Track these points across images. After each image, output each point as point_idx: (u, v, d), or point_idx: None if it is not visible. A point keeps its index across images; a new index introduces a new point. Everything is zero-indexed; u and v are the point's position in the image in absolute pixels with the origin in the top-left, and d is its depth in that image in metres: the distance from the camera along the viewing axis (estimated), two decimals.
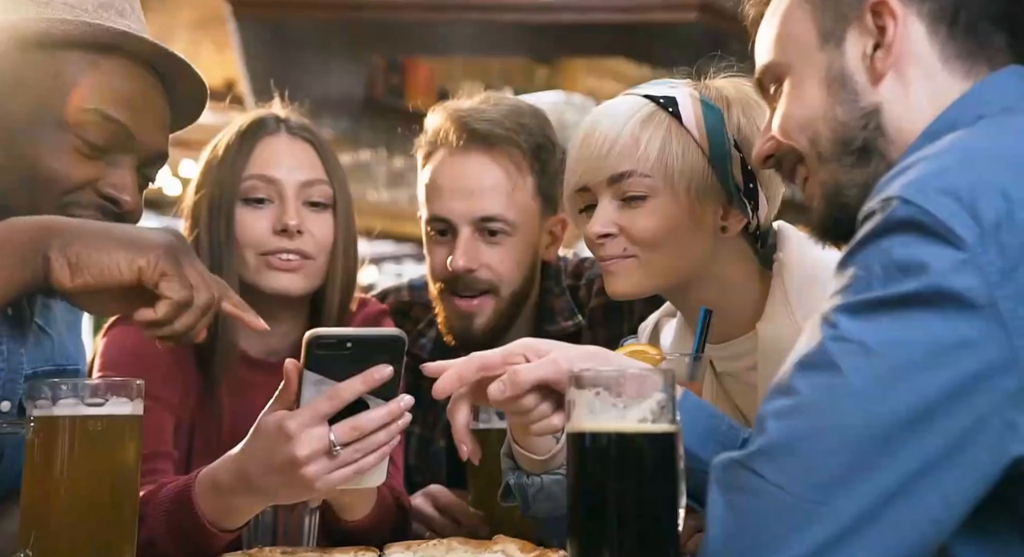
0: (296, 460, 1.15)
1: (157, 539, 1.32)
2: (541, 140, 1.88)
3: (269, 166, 1.71)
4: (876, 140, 1.14)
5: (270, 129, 1.74)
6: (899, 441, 0.92)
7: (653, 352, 1.40)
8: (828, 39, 1.16)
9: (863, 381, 0.93)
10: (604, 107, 1.56)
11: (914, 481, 0.92)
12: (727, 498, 0.97)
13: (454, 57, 5.07)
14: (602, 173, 1.50)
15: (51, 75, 1.35)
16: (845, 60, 1.15)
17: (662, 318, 1.67)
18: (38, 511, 1.13)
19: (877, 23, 1.13)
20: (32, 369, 1.48)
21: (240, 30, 4.17)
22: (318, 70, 4.58)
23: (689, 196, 1.47)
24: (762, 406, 0.98)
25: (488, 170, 1.84)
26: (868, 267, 0.96)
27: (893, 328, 0.93)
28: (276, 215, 1.69)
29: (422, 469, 1.96)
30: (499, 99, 1.93)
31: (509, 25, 4.26)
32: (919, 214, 0.94)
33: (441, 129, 1.87)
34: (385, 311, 1.90)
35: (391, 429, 1.18)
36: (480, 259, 1.84)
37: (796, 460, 0.94)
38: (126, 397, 1.16)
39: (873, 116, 1.14)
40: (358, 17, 4.14)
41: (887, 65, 1.13)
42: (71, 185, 1.35)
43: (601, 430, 1.01)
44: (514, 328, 1.91)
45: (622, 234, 1.50)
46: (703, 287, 1.52)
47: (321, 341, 1.17)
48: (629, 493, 1.00)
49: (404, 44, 4.60)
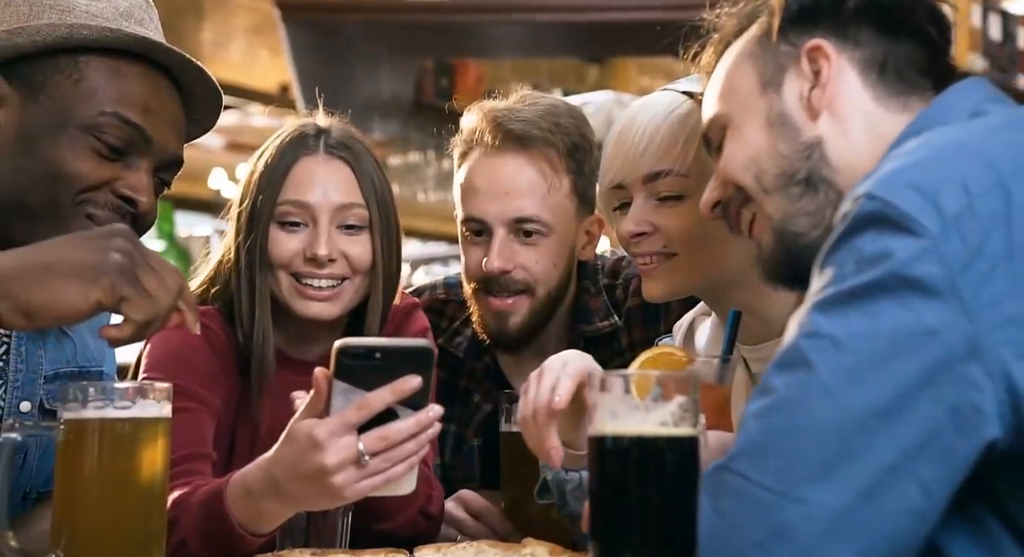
0: (325, 468, 1.16)
1: (189, 541, 1.34)
2: (577, 139, 1.87)
3: (303, 190, 1.69)
4: (821, 170, 1.19)
5: (308, 148, 1.71)
6: (872, 433, 0.94)
7: (680, 354, 1.38)
8: (768, 86, 1.23)
9: (834, 375, 0.95)
10: (641, 103, 1.54)
11: (891, 472, 0.93)
12: (715, 503, 0.98)
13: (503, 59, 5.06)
14: (637, 171, 1.48)
15: (72, 79, 1.39)
16: (784, 103, 1.22)
17: (697, 317, 1.65)
18: (69, 513, 1.15)
19: (813, 68, 1.20)
20: (53, 370, 1.52)
21: (290, 34, 4.21)
22: (367, 73, 4.61)
23: None
24: (745, 408, 0.99)
25: (523, 170, 1.83)
26: (842, 265, 0.98)
27: (860, 320, 0.95)
28: (308, 240, 1.68)
29: (456, 467, 1.96)
30: (535, 99, 1.92)
31: (558, 25, 4.25)
32: (884, 207, 0.97)
33: (476, 129, 1.87)
34: (416, 305, 1.89)
35: (420, 439, 1.18)
36: (515, 260, 1.83)
37: (775, 458, 0.96)
38: (154, 400, 1.17)
39: (815, 148, 1.19)
40: (407, 20, 4.15)
41: (823, 103, 1.19)
42: (88, 185, 1.39)
43: (622, 433, 1.00)
44: (549, 328, 1.90)
45: (657, 233, 1.48)
46: (739, 288, 1.49)
47: (350, 351, 1.17)
48: (650, 497, 0.99)
49: (453, 46, 4.61)
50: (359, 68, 4.52)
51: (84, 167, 1.38)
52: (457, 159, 1.92)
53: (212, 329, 1.68)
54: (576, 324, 1.93)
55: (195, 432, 1.57)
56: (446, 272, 5.86)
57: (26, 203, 1.37)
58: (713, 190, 1.31)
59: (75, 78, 1.39)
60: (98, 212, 1.40)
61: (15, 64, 1.39)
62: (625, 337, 1.91)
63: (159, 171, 1.47)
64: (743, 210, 1.27)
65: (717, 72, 1.31)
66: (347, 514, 1.46)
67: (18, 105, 1.38)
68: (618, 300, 1.94)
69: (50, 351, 1.52)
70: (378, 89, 4.71)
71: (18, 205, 1.37)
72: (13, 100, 1.38)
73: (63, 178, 1.37)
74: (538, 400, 1.28)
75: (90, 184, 1.39)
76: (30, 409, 1.46)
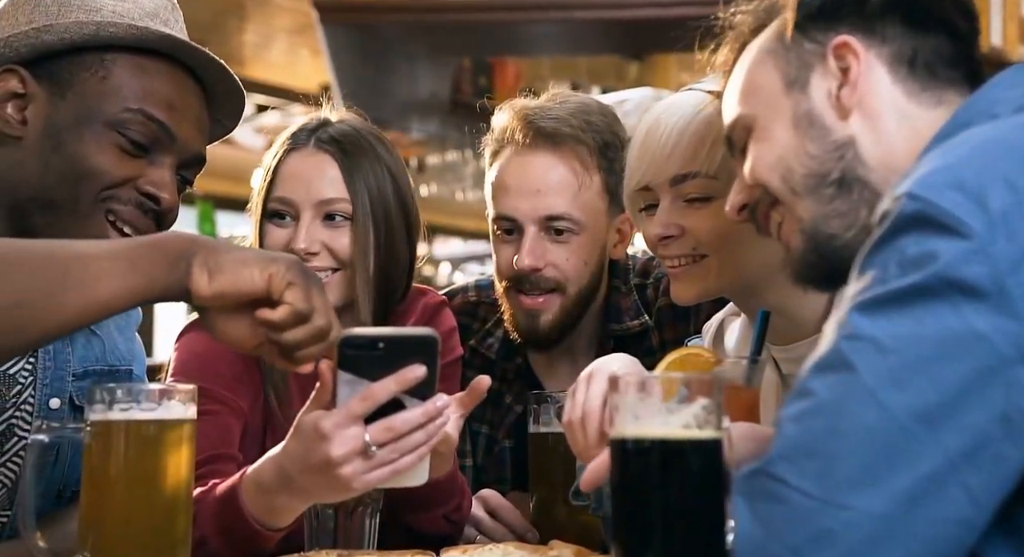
0: (331, 460, 1.15)
1: (208, 538, 1.35)
2: (608, 137, 1.85)
3: (287, 187, 1.71)
4: (856, 169, 1.15)
5: (299, 143, 1.73)
6: (918, 439, 0.90)
7: (707, 355, 1.36)
8: (793, 85, 1.20)
9: (877, 379, 0.92)
10: (666, 103, 1.52)
11: (937, 479, 0.90)
12: (752, 507, 0.95)
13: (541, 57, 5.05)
14: (664, 173, 1.46)
15: (98, 76, 1.41)
16: (811, 102, 1.18)
17: (727, 318, 1.63)
18: (95, 513, 1.15)
19: (840, 65, 1.17)
20: (83, 368, 1.54)
21: (328, 35, 4.23)
22: (405, 73, 4.62)
23: None
24: (781, 411, 0.97)
25: (554, 168, 1.82)
26: (884, 266, 0.95)
27: (905, 323, 0.92)
28: (291, 235, 1.70)
29: (488, 469, 1.95)
30: (566, 97, 1.91)
31: (597, 22, 4.23)
32: (927, 208, 0.93)
33: (507, 128, 1.86)
34: (444, 302, 1.88)
35: (428, 429, 1.17)
36: (546, 258, 1.82)
37: (816, 462, 0.93)
38: (179, 401, 1.17)
39: (848, 147, 1.16)
40: (444, 19, 4.15)
41: (853, 101, 1.16)
42: (112, 181, 1.41)
43: (644, 436, 0.98)
44: (580, 327, 1.89)
45: (685, 235, 1.46)
46: (770, 289, 1.47)
47: (352, 341, 1.17)
48: (673, 501, 0.97)
49: (491, 45, 4.61)
50: (397, 68, 4.54)
51: (108, 163, 1.40)
52: (488, 158, 1.91)
53: None
54: (607, 323, 1.92)
55: (220, 434, 1.58)
56: (485, 270, 5.87)
57: (50, 198, 1.39)
58: (740, 193, 1.28)
59: (101, 75, 1.42)
60: (121, 208, 1.42)
61: (43, 62, 1.41)
62: (656, 337, 1.89)
63: (182, 169, 1.49)
64: (772, 213, 1.24)
65: (736, 71, 1.28)
66: (375, 515, 1.45)
67: (45, 102, 1.40)
68: (649, 299, 1.93)
69: (79, 349, 1.54)
70: (416, 89, 4.73)
71: (42, 199, 1.39)
72: (40, 97, 1.41)
73: (88, 173, 1.39)
74: (588, 404, 1.25)
75: (114, 180, 1.40)
76: (59, 406, 1.48)
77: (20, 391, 1.47)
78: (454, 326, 1.86)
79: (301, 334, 1.17)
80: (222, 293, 1.15)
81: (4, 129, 1.39)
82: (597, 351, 1.91)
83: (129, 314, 1.66)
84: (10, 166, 1.40)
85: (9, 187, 1.40)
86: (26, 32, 1.40)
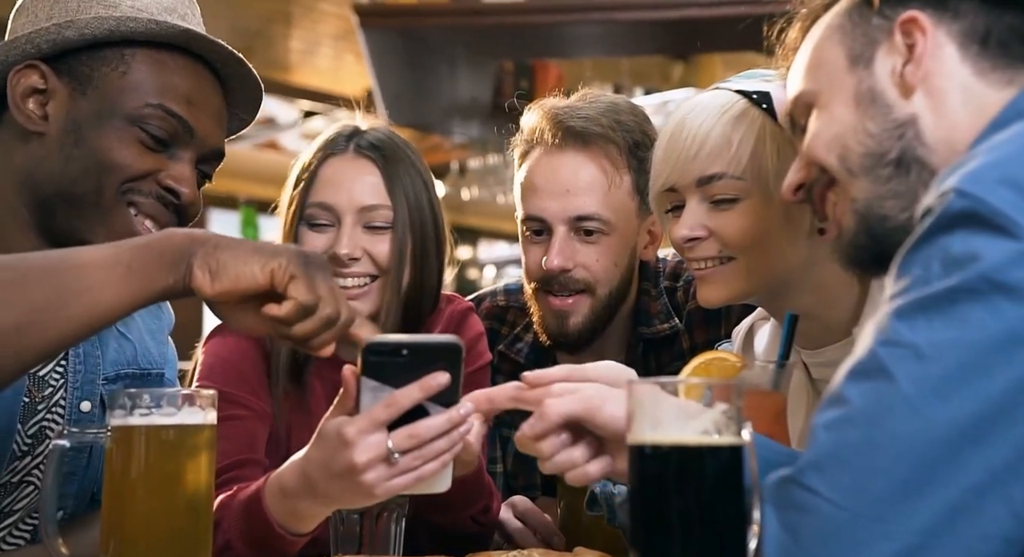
0: (355, 467, 1.14)
1: (234, 543, 1.35)
2: (639, 137, 1.83)
3: (328, 193, 1.70)
4: (915, 150, 1.11)
5: (338, 149, 1.72)
6: (960, 451, 0.86)
7: (733, 360, 1.33)
8: (857, 61, 1.16)
9: (916, 387, 0.88)
10: (692, 103, 1.49)
11: (980, 494, 0.86)
12: (781, 517, 0.92)
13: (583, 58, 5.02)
14: (690, 174, 1.43)
15: (119, 72, 1.42)
16: (875, 78, 1.14)
17: (756, 322, 1.60)
18: (116, 519, 1.15)
19: (906, 41, 1.12)
20: (114, 371, 1.55)
21: (368, 40, 4.24)
22: (446, 76, 4.61)
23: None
24: (814, 418, 0.93)
25: (583, 168, 1.80)
26: (927, 265, 0.91)
27: (945, 328, 0.88)
28: (333, 241, 1.69)
29: (518, 475, 1.93)
30: (596, 96, 1.89)
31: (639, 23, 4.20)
32: (975, 205, 0.89)
33: (536, 127, 1.85)
34: (471, 309, 1.86)
35: (452, 437, 1.16)
36: (575, 258, 1.80)
37: (850, 473, 0.89)
38: (199, 407, 1.17)
39: (908, 126, 1.11)
40: (485, 22, 4.15)
41: (917, 78, 1.11)
42: (133, 174, 1.42)
43: (661, 442, 0.97)
44: (609, 329, 1.87)
45: (712, 237, 1.43)
46: (799, 292, 1.44)
47: (376, 348, 1.16)
48: (691, 509, 0.95)
49: (532, 47, 4.59)
50: (439, 72, 4.53)
51: (129, 157, 1.41)
52: (518, 159, 1.90)
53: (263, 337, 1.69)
54: (636, 326, 1.89)
55: (246, 439, 1.58)
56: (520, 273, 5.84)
57: (72, 192, 1.40)
58: (797, 172, 1.23)
59: (121, 71, 1.43)
60: (143, 200, 1.43)
61: (64, 57, 1.43)
62: (686, 340, 1.86)
63: (201, 163, 1.50)
64: (828, 193, 1.20)
65: (803, 48, 1.24)
66: (400, 520, 1.44)
67: (67, 98, 1.42)
68: (679, 302, 1.90)
69: (110, 353, 1.55)
70: (457, 92, 4.72)
71: (66, 194, 1.40)
72: (61, 93, 1.42)
73: (109, 167, 1.40)
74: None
75: (135, 174, 1.42)
76: (90, 409, 1.50)
77: (51, 394, 1.48)
78: (481, 332, 1.84)
79: (310, 326, 1.17)
80: (225, 292, 1.15)
81: (26, 125, 1.41)
82: (626, 354, 1.88)
83: (160, 318, 1.67)
84: (33, 161, 1.41)
85: (33, 182, 1.41)
86: (47, 28, 1.41)
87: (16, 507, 1.45)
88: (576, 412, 1.11)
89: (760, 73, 1.48)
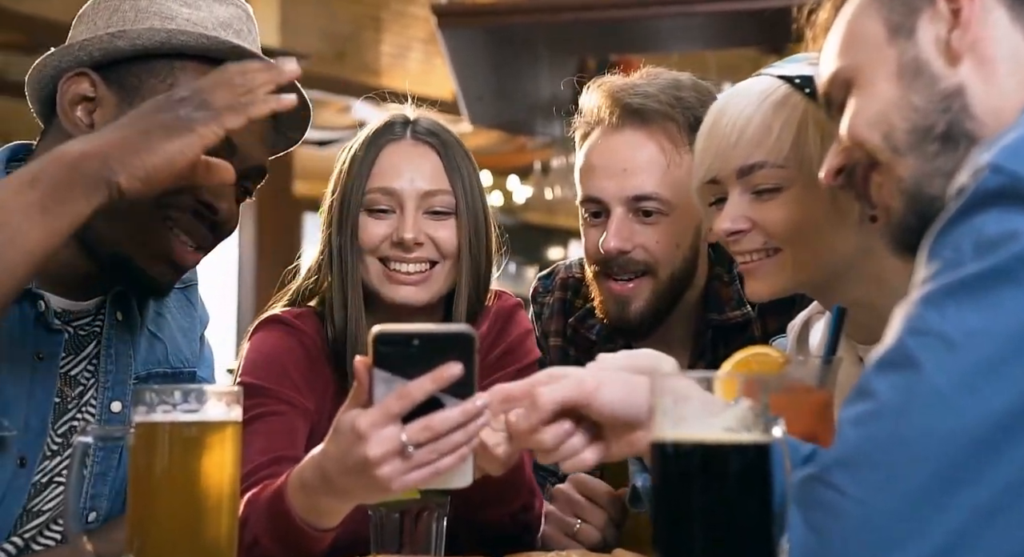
0: (368, 461, 1.11)
1: (260, 540, 1.33)
2: (701, 114, 1.72)
3: (389, 177, 1.67)
4: (963, 123, 1.04)
5: (395, 135, 1.70)
6: (993, 447, 0.81)
7: (776, 355, 1.26)
8: (898, 32, 1.09)
9: (946, 379, 0.82)
10: (733, 90, 1.42)
11: (1015, 492, 0.81)
12: (806, 517, 0.87)
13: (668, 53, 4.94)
14: (731, 164, 1.37)
15: (166, 84, 1.40)
16: (918, 48, 1.07)
17: (812, 316, 1.51)
18: (140, 516, 1.14)
19: (951, 6, 1.06)
20: (146, 371, 1.54)
21: (448, 41, 4.24)
22: (528, 75, 4.59)
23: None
24: (840, 412, 0.86)
25: (642, 146, 1.73)
26: (958, 247, 0.85)
27: (977, 316, 0.82)
28: (395, 225, 1.66)
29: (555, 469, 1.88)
30: (657, 73, 1.82)
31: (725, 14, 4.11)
32: (1012, 181, 0.83)
33: (596, 107, 1.78)
34: (519, 305, 1.81)
35: (468, 429, 1.11)
36: (633, 239, 1.73)
37: (878, 471, 0.84)
38: (223, 403, 1.15)
39: (955, 98, 1.04)
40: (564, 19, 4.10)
41: (965, 44, 1.04)
42: (171, 188, 1.37)
43: (684, 440, 0.91)
44: (675, 315, 1.78)
45: (755, 229, 1.37)
46: (852, 283, 1.35)
47: (386, 338, 1.12)
48: (715, 508, 0.90)
49: (615, 43, 4.52)
50: (520, 71, 4.50)
51: None
52: (579, 140, 1.84)
53: (306, 332, 1.68)
54: (706, 313, 1.80)
55: (285, 435, 1.56)
56: None
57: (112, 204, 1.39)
58: (836, 155, 1.17)
59: (169, 82, 1.40)
60: (179, 215, 1.41)
61: (114, 67, 1.41)
62: (759, 328, 1.76)
63: (242, 179, 1.46)
64: (872, 175, 1.12)
65: (836, 25, 1.17)
66: (441, 519, 1.41)
67: (114, 106, 1.40)
68: None
69: (141, 353, 1.54)
70: (539, 91, 4.69)
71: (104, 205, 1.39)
72: (109, 101, 1.40)
73: None
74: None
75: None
76: (120, 409, 1.49)
77: (82, 392, 1.47)
78: (529, 329, 1.79)
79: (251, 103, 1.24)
80: (163, 185, 1.22)
81: (73, 131, 1.39)
82: (695, 342, 1.80)
83: (193, 317, 1.66)
84: None
85: None
86: (100, 37, 1.40)
87: (45, 507, 1.44)
88: (571, 398, 1.07)
89: (804, 57, 1.39)
